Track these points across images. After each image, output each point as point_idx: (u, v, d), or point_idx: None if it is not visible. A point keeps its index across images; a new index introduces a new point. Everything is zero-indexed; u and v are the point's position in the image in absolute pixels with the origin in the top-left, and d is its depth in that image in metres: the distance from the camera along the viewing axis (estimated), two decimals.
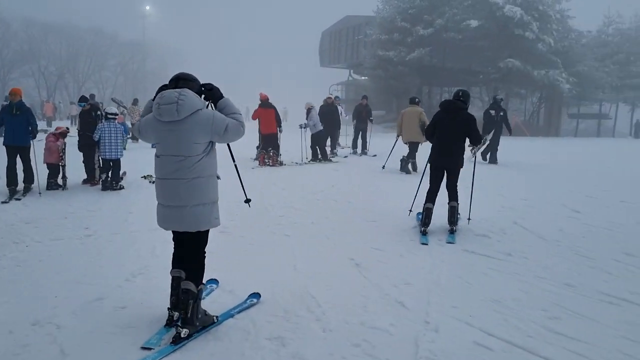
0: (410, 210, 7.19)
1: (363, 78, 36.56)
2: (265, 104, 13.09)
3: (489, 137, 13.31)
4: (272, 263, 5.26)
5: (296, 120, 21.85)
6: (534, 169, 13.32)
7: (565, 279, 4.74)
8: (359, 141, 15.94)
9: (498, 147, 13.90)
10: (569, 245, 5.94)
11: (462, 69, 33.33)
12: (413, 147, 11.58)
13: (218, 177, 3.70)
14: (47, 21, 54.49)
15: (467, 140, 6.32)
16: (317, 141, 13.94)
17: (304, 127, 13.97)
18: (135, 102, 21.04)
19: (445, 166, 6.37)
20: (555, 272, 4.97)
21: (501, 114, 13.76)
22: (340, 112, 16.02)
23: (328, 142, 14.87)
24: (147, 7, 67.62)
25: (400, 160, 11.76)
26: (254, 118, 13.40)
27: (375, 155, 14.91)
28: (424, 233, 6.24)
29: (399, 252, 5.62)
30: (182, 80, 3.51)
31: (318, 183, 10.23)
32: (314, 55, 47.80)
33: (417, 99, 11.78)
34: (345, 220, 7.18)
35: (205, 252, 3.75)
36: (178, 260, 3.75)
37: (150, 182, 9.83)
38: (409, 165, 11.67)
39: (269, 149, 13.03)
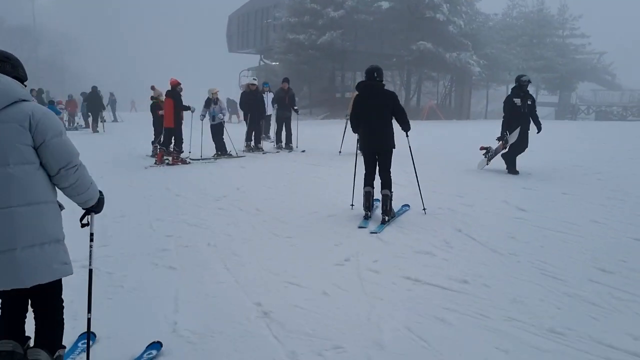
0: (352, 205, 6.72)
1: (274, 63, 34.81)
2: (168, 92, 11.40)
3: (514, 136, 9.21)
4: (148, 314, 3.69)
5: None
6: (455, 156, 12.21)
7: (545, 321, 3.51)
8: (283, 133, 13.72)
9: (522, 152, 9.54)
10: (529, 259, 4.78)
11: (374, 52, 32.46)
12: None
13: (61, 207, 2.63)
14: None
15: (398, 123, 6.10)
16: (217, 133, 12.24)
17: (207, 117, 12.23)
18: (39, 92, 19.97)
19: (375, 150, 6.12)
20: (529, 308, 3.74)
21: (529, 102, 9.28)
22: (266, 102, 14.26)
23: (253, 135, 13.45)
24: None
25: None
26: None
27: (304, 151, 13.23)
28: (366, 217, 6.10)
29: (323, 289, 4.18)
30: None
31: (221, 186, 8.61)
32: (222, 41, 45.39)
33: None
34: (251, 237, 5.67)
35: (62, 303, 2.71)
36: (9, 328, 2.60)
37: None
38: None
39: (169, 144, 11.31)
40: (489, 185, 8.50)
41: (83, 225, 2.75)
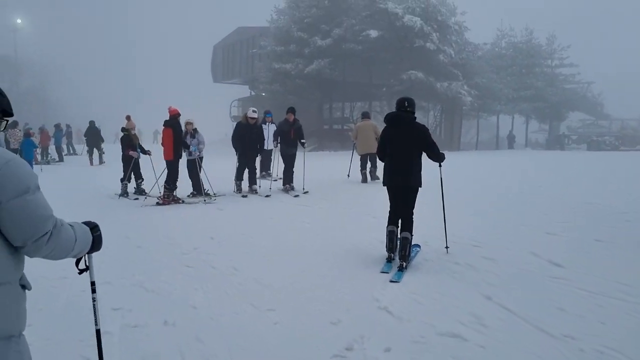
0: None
1: (263, 94, 33.79)
2: (167, 122, 10.39)
3: None
4: None
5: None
6: (458, 193, 11.06)
7: None
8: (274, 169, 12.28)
9: None
10: (594, 346, 3.54)
11: (363, 82, 31.68)
12: (372, 157, 12.09)
13: (25, 287, 1.91)
14: None
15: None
16: (193, 169, 10.91)
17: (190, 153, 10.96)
18: (14, 124, 18.95)
19: (400, 185, 5.59)
20: None
21: None
22: (266, 135, 12.41)
23: (246, 174, 11.49)
24: (19, 20, 61.09)
25: (361, 171, 12.37)
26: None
27: (305, 193, 11.10)
28: (389, 259, 5.54)
29: None
30: None
31: (192, 234, 7.29)
32: (206, 71, 44.49)
33: (368, 113, 13.20)
34: (222, 311, 4.36)
35: None
36: None
37: None
38: (369, 173, 12.26)
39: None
40: (504, 229, 7.29)
41: (81, 272, 2.23)
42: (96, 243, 2.12)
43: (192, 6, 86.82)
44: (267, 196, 10.84)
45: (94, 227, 2.12)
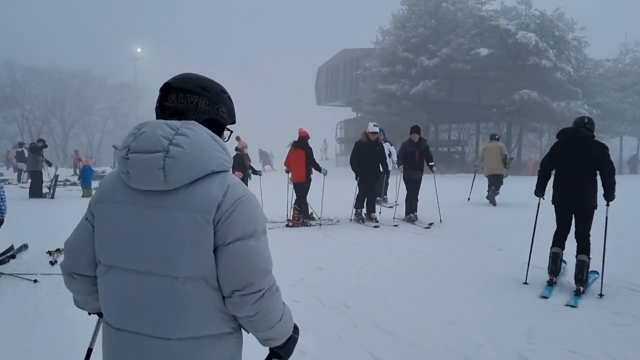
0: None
1: (369, 117, 33.45)
2: (296, 143, 10.20)
3: None
4: None
5: None
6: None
7: None
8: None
9: None
10: None
11: (471, 102, 30.35)
12: (496, 179, 12.41)
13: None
14: (30, 65, 52.00)
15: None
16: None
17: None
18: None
19: (574, 206, 5.34)
20: None
21: None
22: (388, 153, 11.53)
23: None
24: (139, 50, 66.13)
25: (487, 191, 12.63)
26: (286, 164, 10.43)
27: (430, 225, 9.66)
28: (550, 283, 5.35)
29: None
30: (181, 93, 1.59)
31: (299, 262, 6.73)
32: (310, 93, 45.12)
33: (497, 136, 13.51)
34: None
35: None
36: None
37: (53, 261, 6.50)
38: (492, 196, 12.41)
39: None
40: None
41: None
42: (290, 345, 1.72)
43: (298, 29, 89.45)
44: (395, 225, 9.75)
45: (295, 328, 1.76)
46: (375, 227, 9.54)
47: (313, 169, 10.21)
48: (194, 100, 1.57)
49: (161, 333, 1.48)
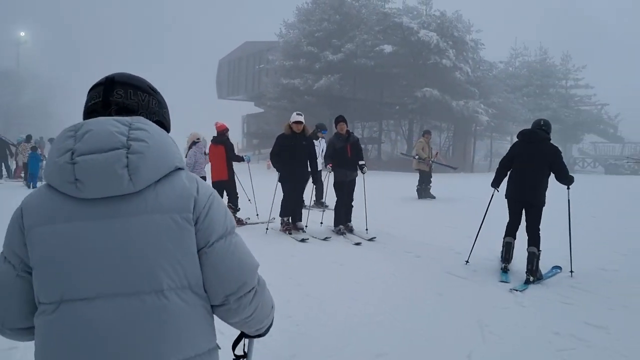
0: (467, 261, 6.05)
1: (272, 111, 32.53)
2: (215, 138, 9.03)
3: None
4: None
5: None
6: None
7: None
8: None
9: None
10: None
11: (375, 99, 30.41)
12: (422, 174, 13.14)
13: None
14: None
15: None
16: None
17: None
18: (28, 138, 19.17)
19: (525, 200, 5.68)
20: None
21: None
22: (318, 150, 9.73)
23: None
24: (22, 34, 60.57)
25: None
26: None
27: (374, 239, 7.57)
28: (504, 270, 5.66)
29: None
30: (131, 89, 1.40)
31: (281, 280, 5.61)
32: (211, 86, 43.41)
33: (429, 131, 14.38)
34: None
35: None
36: None
37: None
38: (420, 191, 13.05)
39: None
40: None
41: (238, 358, 1.60)
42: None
43: (198, 20, 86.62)
44: (325, 239, 7.56)
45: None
46: (302, 240, 7.41)
47: (235, 164, 9.03)
48: (145, 98, 1.40)
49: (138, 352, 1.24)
